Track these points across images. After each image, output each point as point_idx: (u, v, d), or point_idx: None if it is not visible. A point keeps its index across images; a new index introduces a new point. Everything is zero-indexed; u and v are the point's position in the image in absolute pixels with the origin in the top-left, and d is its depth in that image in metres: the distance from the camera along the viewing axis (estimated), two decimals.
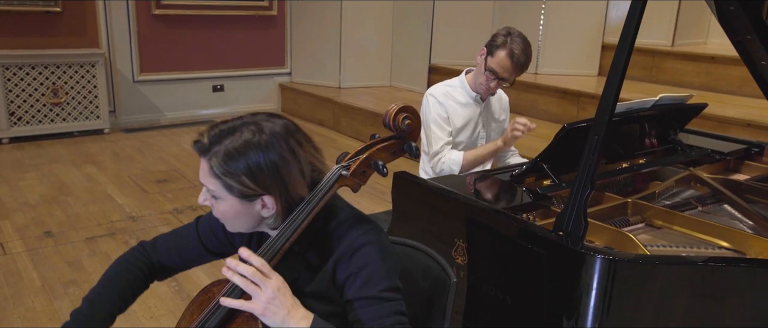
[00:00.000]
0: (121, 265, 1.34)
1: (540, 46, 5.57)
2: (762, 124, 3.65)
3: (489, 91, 2.34)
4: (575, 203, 1.35)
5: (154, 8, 5.56)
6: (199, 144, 1.14)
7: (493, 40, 2.30)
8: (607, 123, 1.34)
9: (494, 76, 2.28)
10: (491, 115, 2.50)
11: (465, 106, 2.43)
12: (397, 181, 1.80)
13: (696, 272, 1.31)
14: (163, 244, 1.38)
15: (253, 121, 1.14)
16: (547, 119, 5.01)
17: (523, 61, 2.26)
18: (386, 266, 1.16)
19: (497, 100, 2.53)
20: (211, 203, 1.19)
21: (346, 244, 1.17)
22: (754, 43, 1.60)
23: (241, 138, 1.11)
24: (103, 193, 3.96)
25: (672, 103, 1.96)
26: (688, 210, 1.79)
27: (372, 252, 1.15)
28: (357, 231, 1.18)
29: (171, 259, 1.37)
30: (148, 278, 1.36)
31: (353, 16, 6.05)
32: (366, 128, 5.36)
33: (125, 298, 1.31)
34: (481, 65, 2.32)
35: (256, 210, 1.16)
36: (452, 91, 2.43)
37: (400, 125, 1.18)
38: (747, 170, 2.15)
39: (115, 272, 1.33)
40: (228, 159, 1.10)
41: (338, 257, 1.17)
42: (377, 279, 1.14)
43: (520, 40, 2.27)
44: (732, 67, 4.59)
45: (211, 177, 1.13)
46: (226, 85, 6.21)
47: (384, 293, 1.13)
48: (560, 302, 1.37)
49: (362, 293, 1.13)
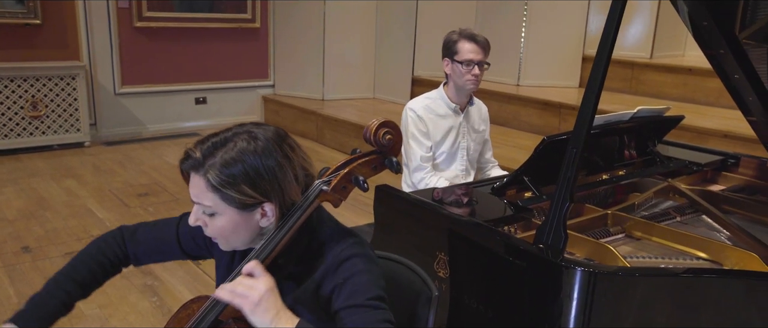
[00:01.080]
0: (92, 252, 1.34)
1: (522, 58, 5.63)
2: (738, 135, 3.71)
3: (476, 81, 2.37)
4: (555, 215, 1.36)
5: (136, 21, 5.53)
6: (192, 160, 1.11)
7: (447, 44, 2.38)
8: (586, 136, 1.35)
9: (472, 64, 2.32)
10: (471, 125, 2.52)
11: (445, 118, 2.45)
12: (379, 194, 1.80)
13: (675, 284, 1.33)
14: (143, 234, 1.37)
15: (244, 130, 1.14)
16: (529, 131, 5.06)
17: (483, 38, 2.35)
18: (372, 276, 1.16)
19: (477, 111, 2.56)
20: (205, 222, 1.16)
21: (331, 257, 1.17)
22: (727, 58, 1.64)
23: (236, 147, 1.10)
24: (83, 207, 3.91)
25: (650, 115, 1.99)
26: (667, 221, 1.81)
27: (358, 263, 1.15)
28: (342, 244, 1.18)
29: (148, 252, 1.37)
30: (119, 265, 1.37)
31: (336, 28, 6.07)
32: (349, 140, 5.36)
33: (87, 286, 1.32)
34: (454, 68, 2.36)
35: (255, 220, 1.15)
36: (431, 103, 2.46)
37: (381, 140, 1.19)
38: (723, 181, 2.19)
39: (80, 260, 1.33)
40: (226, 169, 1.09)
41: (325, 270, 1.17)
42: (364, 288, 1.13)
43: (470, 29, 2.37)
44: (709, 79, 4.67)
45: (209, 191, 1.10)
46: (209, 98, 6.19)
47: (371, 302, 1.12)
48: (541, 314, 1.38)
49: (349, 302, 1.13)
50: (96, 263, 1.33)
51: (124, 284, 2.91)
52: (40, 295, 1.28)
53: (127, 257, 1.37)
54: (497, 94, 5.29)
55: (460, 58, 2.33)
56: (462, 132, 2.49)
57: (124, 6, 5.46)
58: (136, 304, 2.75)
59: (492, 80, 5.76)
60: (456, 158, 2.51)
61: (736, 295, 1.35)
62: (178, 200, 4.06)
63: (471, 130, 2.52)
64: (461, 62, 2.32)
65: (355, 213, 3.88)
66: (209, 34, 5.98)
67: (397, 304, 1.39)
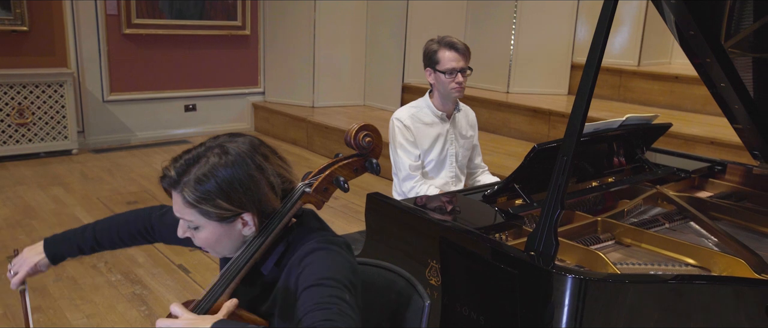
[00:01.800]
0: (124, 220, 1.48)
1: (511, 66, 5.67)
2: (725, 141, 3.76)
3: (461, 88, 2.39)
4: (546, 222, 1.37)
5: (124, 27, 5.51)
6: (168, 179, 1.15)
7: (427, 54, 2.41)
8: (576, 144, 1.36)
9: (455, 72, 2.34)
10: (459, 131, 2.53)
11: (432, 126, 2.46)
12: (370, 202, 1.80)
13: (664, 290, 1.34)
14: (170, 218, 1.43)
15: (216, 145, 1.16)
16: (519, 138, 5.09)
17: (462, 44, 2.38)
18: (331, 263, 1.13)
19: (464, 117, 2.57)
20: (192, 234, 1.19)
21: (297, 255, 1.17)
22: (713, 66, 1.66)
23: (208, 163, 1.13)
24: (71, 215, 3.87)
25: (638, 123, 2.01)
26: (655, 227, 1.83)
27: (319, 254, 1.14)
28: (309, 242, 1.18)
29: (169, 233, 1.42)
30: (143, 239, 1.49)
31: (327, 35, 6.08)
32: (340, 148, 5.36)
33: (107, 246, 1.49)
34: (438, 77, 2.38)
35: (237, 230, 1.17)
36: (418, 112, 2.47)
37: (362, 143, 1.24)
38: (711, 188, 2.21)
39: (114, 222, 1.48)
40: (199, 185, 1.11)
41: (289, 268, 1.17)
42: (318, 271, 1.10)
43: (448, 36, 2.40)
44: (695, 87, 4.73)
45: (187, 208, 1.14)
46: (199, 105, 6.16)
47: (323, 280, 1.09)
48: (533, 321, 1.38)
49: (303, 286, 1.10)
50: (119, 231, 1.46)
51: (113, 294, 2.89)
52: (69, 232, 1.47)
53: (153, 234, 1.46)
54: (487, 102, 5.32)
55: (442, 68, 2.35)
56: (450, 139, 2.50)
57: (112, 13, 5.44)
58: (124, 313, 2.72)
59: (482, 88, 5.80)
60: (445, 166, 2.52)
61: (724, 301, 1.36)
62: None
63: (459, 137, 2.53)
64: (444, 72, 2.35)
65: (346, 221, 3.87)
66: (199, 41, 5.96)
67: (389, 312, 1.39)
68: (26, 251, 1.45)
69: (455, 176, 2.55)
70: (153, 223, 1.46)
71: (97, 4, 5.33)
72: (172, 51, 5.85)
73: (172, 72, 5.91)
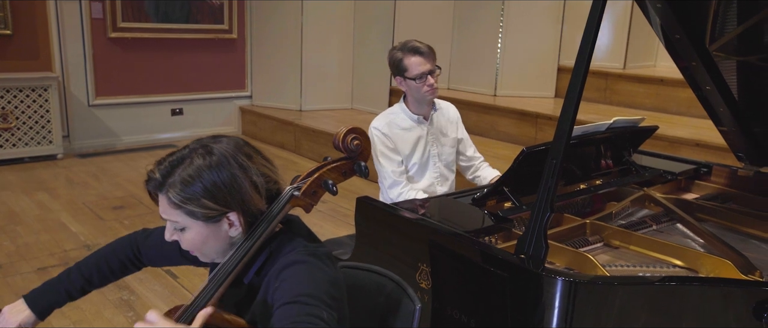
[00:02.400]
0: (107, 251, 1.44)
1: (498, 69, 5.70)
2: (710, 144, 3.80)
3: (434, 90, 2.40)
4: (536, 225, 1.37)
5: (110, 31, 5.46)
6: (153, 181, 1.15)
7: (393, 62, 2.41)
8: (565, 148, 1.37)
9: (424, 76, 2.35)
10: (439, 131, 2.54)
11: (410, 130, 2.47)
12: (360, 206, 1.80)
13: (653, 292, 1.35)
14: (154, 239, 1.43)
15: (199, 146, 1.17)
16: (507, 140, 5.11)
17: (426, 46, 2.38)
18: (310, 278, 1.11)
19: (443, 115, 2.56)
20: (178, 236, 1.19)
21: (275, 267, 1.16)
22: (698, 69, 1.68)
23: (192, 164, 1.14)
24: (56, 221, 3.83)
25: (625, 126, 2.03)
26: (643, 229, 1.84)
27: (298, 268, 1.13)
28: (290, 252, 1.16)
29: (157, 256, 1.43)
30: (132, 266, 1.45)
31: (314, 38, 6.07)
32: (328, 151, 5.35)
33: (95, 282, 1.43)
34: (409, 84, 2.39)
35: (223, 231, 1.17)
36: (395, 118, 2.48)
37: (350, 146, 1.24)
38: (697, 189, 2.23)
39: (96, 256, 1.43)
40: (185, 186, 1.12)
41: (268, 280, 1.16)
42: (296, 287, 1.09)
43: (410, 40, 2.40)
44: (680, 89, 4.78)
45: (172, 209, 1.14)
46: (186, 109, 6.12)
47: (301, 297, 1.07)
48: (523, 324, 1.38)
49: (280, 302, 1.08)
50: (107, 262, 1.42)
51: (99, 299, 2.85)
52: (52, 281, 1.41)
53: (140, 259, 1.44)
54: (474, 105, 5.34)
55: (411, 75, 2.36)
56: (430, 140, 2.50)
57: (97, 16, 5.39)
58: (111, 319, 2.70)
59: (469, 90, 5.82)
60: (428, 167, 2.52)
61: (712, 302, 1.37)
62: (154, 212, 3.99)
63: (440, 135, 2.54)
64: (413, 78, 2.36)
65: (334, 224, 3.86)
66: (185, 45, 5.93)
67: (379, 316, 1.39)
68: (6, 310, 1.36)
69: (440, 176, 2.55)
70: (139, 247, 1.44)
71: (82, 7, 5.28)
72: (158, 55, 5.81)
73: (158, 76, 5.86)
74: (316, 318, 1.04)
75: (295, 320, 1.03)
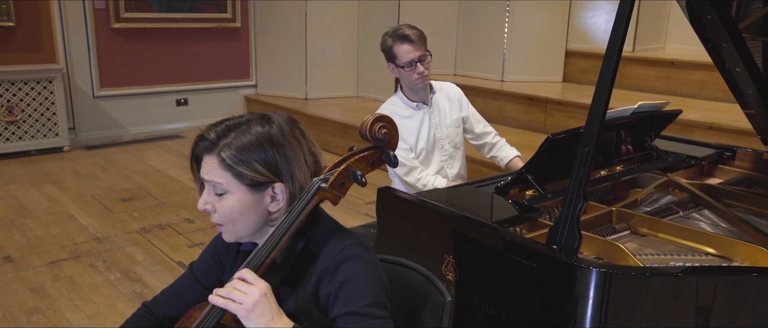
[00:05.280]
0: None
1: (505, 54, 5.63)
2: (724, 126, 3.75)
3: (423, 78, 2.37)
4: (568, 215, 1.34)
5: (113, 22, 5.41)
6: (205, 141, 1.14)
7: (384, 49, 2.38)
8: (597, 134, 1.33)
9: (413, 63, 2.32)
10: (441, 112, 2.50)
11: (410, 118, 2.45)
12: (381, 196, 1.77)
13: (689, 282, 1.32)
14: (163, 297, 1.37)
15: (258, 116, 1.17)
16: (516, 126, 5.06)
17: (416, 32, 2.35)
18: (371, 280, 1.13)
19: (443, 97, 2.53)
20: (213, 205, 1.16)
21: (328, 259, 1.15)
22: (729, 51, 1.63)
23: (251, 129, 1.13)
24: (65, 214, 3.81)
25: (650, 110, 1.99)
26: (670, 216, 1.81)
27: (355, 266, 1.13)
28: (339, 246, 1.16)
29: (174, 307, 1.35)
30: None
31: (318, 26, 6.01)
32: (334, 139, 5.31)
33: None
34: (400, 72, 2.37)
35: (264, 203, 1.16)
36: (395, 108, 2.46)
37: (377, 135, 1.19)
38: (720, 174, 2.19)
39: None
40: (241, 148, 1.12)
41: (321, 273, 1.15)
42: (360, 294, 1.10)
43: (401, 25, 2.37)
44: (691, 72, 4.72)
45: (220, 169, 1.12)
46: (190, 99, 6.08)
47: (368, 309, 1.09)
48: (556, 316, 1.35)
49: (345, 309, 1.10)
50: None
51: (112, 293, 2.84)
52: None
53: (159, 321, 1.36)
54: (482, 91, 5.29)
55: (400, 62, 2.34)
56: (433, 124, 2.48)
57: (100, 7, 5.33)
58: (125, 313, 2.67)
59: (476, 76, 5.76)
60: (436, 149, 2.50)
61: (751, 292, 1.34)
62: (164, 204, 3.98)
63: (442, 117, 2.50)
64: (402, 66, 2.33)
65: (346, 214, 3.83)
66: (189, 35, 5.87)
67: (406, 309, 1.35)
68: None
69: (449, 157, 2.52)
70: (155, 313, 1.35)
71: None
72: (162, 45, 5.76)
73: (162, 66, 5.82)
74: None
75: None
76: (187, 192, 4.24)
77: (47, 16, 5.12)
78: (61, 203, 3.99)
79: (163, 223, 3.64)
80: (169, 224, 3.63)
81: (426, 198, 1.73)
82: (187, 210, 3.87)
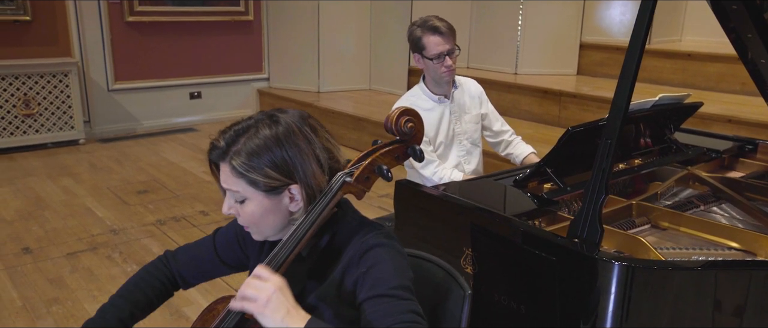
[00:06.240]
0: (141, 276, 1.36)
1: (519, 46, 5.59)
2: (743, 119, 3.71)
3: (451, 71, 2.35)
4: (590, 208, 1.33)
5: (127, 15, 5.43)
6: (217, 150, 1.13)
7: (412, 39, 2.35)
8: (620, 127, 1.32)
9: (442, 56, 2.30)
10: (462, 108, 2.49)
11: (431, 111, 2.43)
12: (399, 189, 1.76)
13: (713, 276, 1.30)
14: (183, 255, 1.38)
15: (265, 116, 1.15)
16: (530, 119, 5.03)
17: (446, 25, 2.32)
18: (397, 265, 1.13)
19: (465, 93, 2.51)
20: (237, 210, 1.16)
21: (354, 249, 1.15)
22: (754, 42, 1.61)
23: (258, 133, 1.11)
24: (82, 206, 3.84)
25: (671, 102, 1.96)
26: (690, 210, 1.79)
27: (381, 253, 1.13)
28: (365, 235, 1.16)
29: (189, 270, 1.37)
30: (169, 288, 1.38)
31: (331, 19, 6.00)
32: (347, 132, 5.31)
33: (141, 307, 1.33)
34: (426, 63, 2.35)
35: (283, 204, 1.15)
36: (416, 100, 2.44)
37: (403, 128, 1.17)
38: (742, 168, 2.16)
39: (133, 282, 1.35)
40: (250, 154, 1.10)
41: (347, 263, 1.15)
42: (387, 277, 1.10)
43: (430, 17, 2.33)
44: (708, 64, 4.66)
45: (235, 177, 1.12)
46: (204, 92, 6.10)
47: (395, 291, 1.09)
48: (575, 309, 1.35)
49: (371, 292, 1.10)
50: (147, 285, 1.35)
51: None
52: (93, 319, 1.31)
53: (175, 279, 1.38)
54: (496, 84, 5.25)
55: (428, 54, 2.31)
56: (453, 118, 2.47)
57: (115, 1, 5.36)
58: None
59: (489, 69, 5.72)
60: (454, 144, 2.49)
61: None
62: (178, 196, 4.00)
63: (462, 113, 2.49)
64: (431, 58, 2.31)
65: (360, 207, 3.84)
66: (202, 28, 5.88)
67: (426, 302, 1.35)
68: None
69: (467, 153, 2.52)
70: (172, 269, 1.37)
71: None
72: (175, 38, 5.78)
73: (176, 59, 5.84)
74: (415, 315, 1.07)
75: (399, 318, 1.04)
76: (202, 185, 4.26)
77: (62, 10, 5.15)
78: (77, 196, 4.03)
79: (177, 215, 3.67)
80: (184, 216, 3.66)
81: (445, 191, 1.72)
82: (202, 202, 3.89)
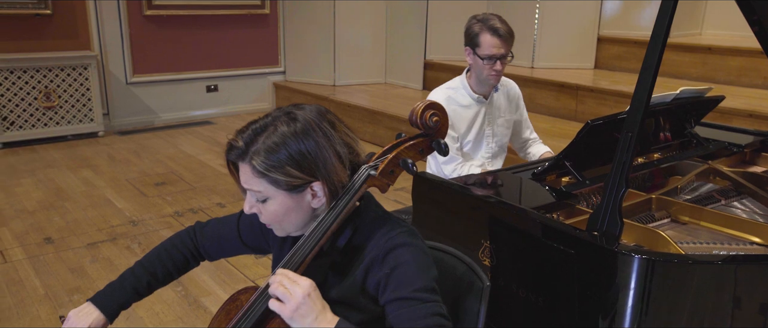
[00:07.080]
0: (166, 247, 1.41)
1: (535, 40, 5.55)
2: (765, 114, 3.65)
3: (498, 75, 2.32)
4: (610, 201, 1.32)
5: (145, 9, 5.48)
6: (236, 150, 1.12)
7: (469, 33, 2.30)
8: (641, 120, 1.31)
9: (494, 59, 2.26)
10: (497, 110, 2.47)
11: (468, 108, 2.40)
12: (417, 182, 1.77)
13: (734, 271, 1.29)
14: (210, 230, 1.41)
15: (282, 113, 1.14)
16: (546, 113, 5.00)
17: (507, 29, 2.27)
18: (421, 266, 1.12)
19: (503, 95, 2.49)
20: (259, 209, 1.16)
21: (377, 247, 1.14)
22: None
23: (276, 131, 1.10)
24: (102, 197, 3.89)
25: (692, 96, 1.94)
26: (711, 204, 1.77)
27: (404, 253, 1.12)
28: (389, 234, 1.15)
29: (213, 246, 1.40)
30: (191, 261, 1.42)
31: (347, 13, 6.00)
32: (362, 126, 5.32)
33: (159, 279, 1.38)
34: (476, 60, 2.30)
35: (306, 202, 1.14)
36: (454, 93, 2.41)
37: (428, 122, 1.17)
38: (763, 162, 2.14)
39: (156, 253, 1.39)
40: (269, 153, 1.09)
41: (370, 261, 1.14)
42: (411, 279, 1.10)
43: (492, 15, 2.28)
44: (729, 58, 4.59)
45: (256, 177, 1.11)
46: (220, 85, 6.15)
47: (419, 294, 1.09)
48: (594, 302, 1.34)
49: (395, 294, 1.10)
50: (169, 257, 1.39)
51: None
52: (115, 282, 1.36)
53: (199, 252, 1.42)
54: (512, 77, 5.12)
55: (481, 53, 2.26)
56: (487, 120, 2.44)
57: None
58: (160, 294, 2.73)
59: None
60: (482, 145, 2.47)
61: None
62: (195, 189, 4.04)
63: (497, 116, 2.47)
64: (483, 57, 2.26)
65: None
66: (219, 21, 5.92)
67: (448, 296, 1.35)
68: (72, 314, 1.30)
69: (492, 155, 2.50)
70: (197, 239, 1.41)
71: None
72: (192, 31, 5.82)
73: (193, 53, 5.88)
74: (440, 317, 1.08)
75: (422, 324, 1.06)
76: (218, 177, 4.30)
77: (82, 4, 5.21)
78: (97, 187, 4.09)
79: (195, 207, 3.70)
80: (201, 208, 3.69)
81: (463, 183, 1.72)
82: (219, 195, 3.93)
